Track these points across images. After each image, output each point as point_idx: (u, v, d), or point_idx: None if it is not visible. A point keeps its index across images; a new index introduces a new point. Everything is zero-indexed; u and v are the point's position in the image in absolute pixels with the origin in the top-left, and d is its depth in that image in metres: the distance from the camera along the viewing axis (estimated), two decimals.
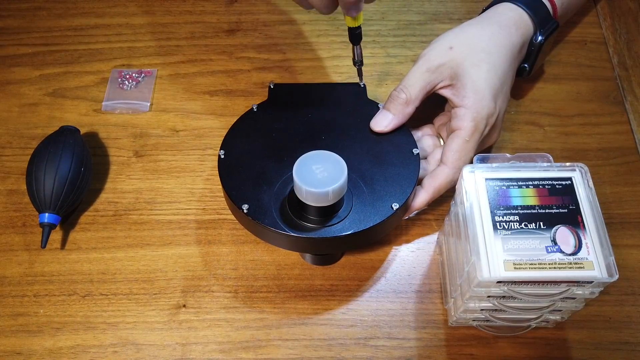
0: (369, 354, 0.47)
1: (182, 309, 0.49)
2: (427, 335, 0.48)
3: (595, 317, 0.49)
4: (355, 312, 0.49)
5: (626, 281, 0.50)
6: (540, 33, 0.53)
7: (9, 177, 0.56)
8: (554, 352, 0.48)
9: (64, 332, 0.48)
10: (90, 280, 0.51)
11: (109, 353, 0.47)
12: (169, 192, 0.55)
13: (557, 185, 0.42)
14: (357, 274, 0.51)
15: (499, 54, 0.50)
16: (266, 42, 0.65)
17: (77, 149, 0.53)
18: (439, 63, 0.49)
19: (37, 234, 0.53)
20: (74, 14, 0.67)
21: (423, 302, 0.50)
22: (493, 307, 0.43)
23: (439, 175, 0.49)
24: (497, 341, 0.48)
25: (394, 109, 0.49)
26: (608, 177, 0.56)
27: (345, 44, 0.65)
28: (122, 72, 0.62)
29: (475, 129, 0.48)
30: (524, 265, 0.39)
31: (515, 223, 0.41)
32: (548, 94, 0.62)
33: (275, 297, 0.50)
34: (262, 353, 0.47)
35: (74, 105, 0.60)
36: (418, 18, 0.67)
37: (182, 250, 0.52)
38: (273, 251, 0.52)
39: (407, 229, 0.53)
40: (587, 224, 0.40)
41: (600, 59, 0.64)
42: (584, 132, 0.59)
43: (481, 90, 0.48)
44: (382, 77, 0.63)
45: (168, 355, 0.47)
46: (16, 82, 0.62)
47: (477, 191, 0.42)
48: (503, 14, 0.53)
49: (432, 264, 0.52)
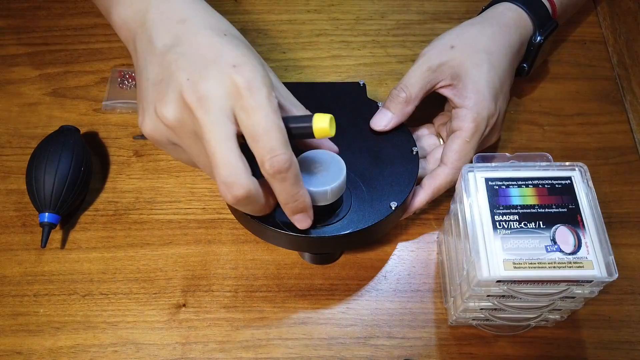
0: (368, 353, 0.48)
1: (182, 309, 0.49)
2: (426, 335, 0.48)
3: (595, 316, 0.49)
4: (355, 311, 0.49)
5: (625, 280, 0.50)
6: (540, 33, 0.54)
7: (9, 176, 0.56)
8: (553, 352, 0.48)
9: (64, 332, 0.48)
10: (90, 279, 0.51)
11: (109, 352, 0.47)
12: (168, 192, 0.55)
13: (557, 184, 0.42)
14: (356, 273, 0.51)
15: (500, 54, 0.50)
16: (266, 41, 0.65)
17: (77, 148, 0.53)
18: (440, 62, 0.49)
19: (37, 233, 0.53)
20: (73, 13, 0.67)
21: (423, 301, 0.50)
22: (493, 307, 0.43)
23: (439, 175, 0.49)
24: (496, 340, 0.48)
25: (394, 107, 0.49)
26: (607, 176, 0.56)
27: (344, 43, 0.65)
28: (122, 72, 0.62)
29: (476, 129, 0.48)
30: (523, 264, 0.39)
31: (514, 222, 0.41)
32: (547, 93, 0.62)
33: (275, 296, 0.50)
34: (262, 352, 0.47)
35: (73, 104, 0.60)
36: (418, 18, 0.67)
37: (182, 250, 0.52)
38: (273, 250, 0.52)
39: (406, 229, 0.54)
40: (587, 223, 0.41)
41: (599, 59, 0.64)
42: (584, 131, 0.59)
43: (482, 90, 0.48)
44: (382, 77, 0.63)
45: (168, 355, 0.47)
46: (16, 81, 0.62)
47: (476, 190, 0.42)
48: (503, 14, 0.53)
49: (431, 263, 0.52)
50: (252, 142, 0.36)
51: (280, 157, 0.36)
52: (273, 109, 0.36)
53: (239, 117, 0.36)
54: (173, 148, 0.40)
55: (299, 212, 0.40)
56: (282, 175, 0.36)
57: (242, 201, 0.37)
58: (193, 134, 0.37)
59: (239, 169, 0.36)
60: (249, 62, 0.37)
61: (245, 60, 0.37)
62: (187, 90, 0.36)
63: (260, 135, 0.35)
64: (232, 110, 0.36)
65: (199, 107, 0.35)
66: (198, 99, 0.36)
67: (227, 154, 0.36)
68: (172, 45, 0.38)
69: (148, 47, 0.39)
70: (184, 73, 0.37)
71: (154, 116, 0.38)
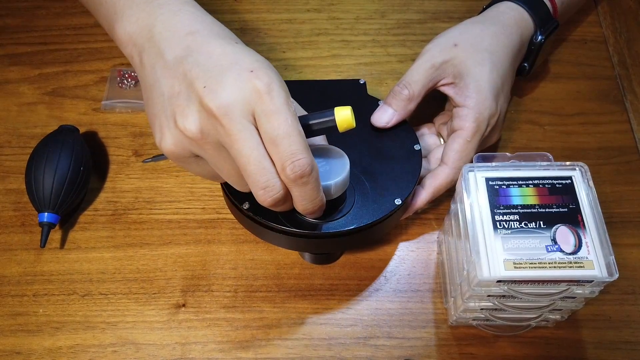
0: (368, 353, 0.47)
1: (182, 309, 0.49)
2: (427, 335, 0.48)
3: (595, 316, 0.49)
4: (355, 311, 0.49)
5: (626, 280, 0.50)
6: (541, 32, 0.53)
7: (8, 176, 0.56)
8: (553, 352, 0.48)
9: (64, 332, 0.48)
10: (90, 279, 0.51)
11: (108, 352, 0.47)
12: (168, 192, 0.55)
13: (557, 184, 0.42)
14: (357, 273, 0.51)
15: (501, 54, 0.50)
16: (266, 40, 0.65)
17: (76, 148, 0.53)
18: (443, 59, 0.49)
19: (37, 233, 0.52)
20: (73, 12, 0.67)
21: (423, 301, 0.50)
22: (493, 307, 0.43)
23: (440, 175, 0.49)
24: (497, 340, 0.48)
25: (396, 104, 0.49)
26: (608, 176, 0.56)
27: (344, 42, 0.65)
28: (122, 71, 0.61)
29: (477, 129, 0.48)
30: (524, 264, 0.39)
31: (515, 222, 0.41)
32: (548, 93, 0.62)
33: (274, 296, 0.50)
34: (262, 352, 0.47)
35: (73, 104, 0.60)
36: (418, 17, 0.67)
37: (182, 250, 0.52)
38: (273, 250, 0.52)
39: (407, 228, 0.53)
40: (587, 223, 0.40)
41: (600, 58, 0.64)
42: (584, 131, 0.59)
43: (484, 90, 0.48)
44: (382, 76, 0.62)
45: (167, 355, 0.47)
46: (15, 81, 0.62)
47: (477, 190, 0.42)
48: (504, 13, 0.53)
49: (432, 263, 0.52)
50: (272, 147, 0.35)
51: (302, 161, 0.35)
52: (292, 113, 0.35)
53: (259, 121, 0.35)
54: (194, 161, 0.39)
55: (314, 213, 0.40)
56: (304, 179, 0.36)
57: (280, 202, 0.37)
58: (217, 143, 0.36)
59: (273, 172, 0.36)
60: (265, 67, 0.36)
61: (261, 65, 0.36)
62: (207, 99, 0.35)
63: (281, 139, 0.35)
64: (252, 114, 0.35)
65: (223, 115, 0.35)
66: (219, 106, 0.35)
67: (260, 159, 0.35)
68: (185, 56, 0.37)
69: (159, 61, 0.38)
70: (201, 82, 0.36)
71: (175, 130, 0.37)
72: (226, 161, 0.37)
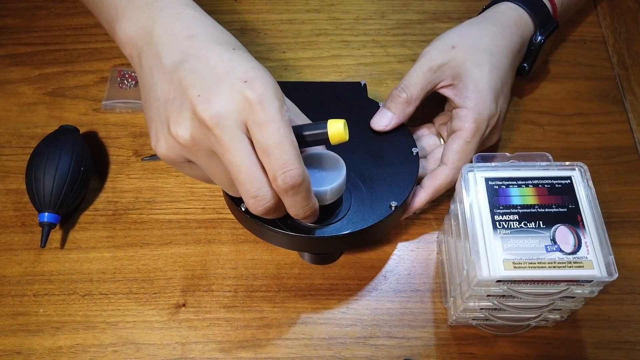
0: (368, 353, 0.47)
1: (182, 308, 0.49)
2: (426, 335, 0.48)
3: (595, 316, 0.49)
4: (355, 311, 0.49)
5: (625, 280, 0.50)
6: (540, 33, 0.53)
7: (8, 176, 0.56)
8: (553, 351, 0.48)
9: (64, 332, 0.48)
10: (90, 279, 0.51)
11: (108, 352, 0.47)
12: (168, 192, 0.55)
13: (557, 184, 0.42)
14: (356, 273, 0.51)
15: (501, 54, 0.50)
16: (266, 41, 0.65)
17: (76, 148, 0.53)
18: (441, 62, 0.49)
19: (37, 233, 0.52)
20: (73, 13, 0.67)
21: (423, 301, 0.50)
22: (492, 306, 0.43)
23: (439, 175, 0.49)
24: (496, 340, 0.48)
25: (395, 108, 0.49)
26: (607, 176, 0.56)
27: (344, 43, 0.65)
28: (122, 71, 0.62)
29: (476, 130, 0.48)
30: (523, 264, 0.39)
31: (514, 222, 0.41)
32: (547, 93, 0.62)
33: (274, 296, 0.50)
34: (262, 352, 0.47)
35: (73, 104, 0.60)
36: (418, 17, 0.67)
37: (182, 250, 0.52)
38: (272, 250, 0.52)
39: (406, 228, 0.54)
40: (587, 223, 0.41)
41: (599, 58, 0.64)
42: (584, 131, 0.59)
43: (483, 91, 0.48)
44: (382, 77, 0.62)
45: (168, 355, 0.47)
46: (15, 81, 0.62)
47: (476, 190, 0.42)
48: (504, 14, 0.53)
49: (431, 263, 0.52)
50: (264, 156, 0.35)
51: (293, 172, 0.35)
52: (285, 123, 0.35)
53: (252, 131, 0.35)
54: (188, 166, 0.40)
55: (306, 218, 0.40)
56: (295, 190, 0.36)
57: (271, 211, 0.38)
58: (209, 151, 0.37)
59: (264, 182, 0.36)
60: (260, 76, 0.36)
61: (256, 74, 0.36)
62: (200, 108, 0.35)
63: (273, 149, 0.35)
64: (245, 124, 0.35)
65: (215, 125, 0.35)
66: (212, 116, 0.35)
67: (251, 169, 0.35)
68: (181, 62, 0.37)
69: (156, 64, 0.38)
70: (196, 90, 0.36)
71: (168, 136, 0.37)
72: (218, 168, 0.38)
